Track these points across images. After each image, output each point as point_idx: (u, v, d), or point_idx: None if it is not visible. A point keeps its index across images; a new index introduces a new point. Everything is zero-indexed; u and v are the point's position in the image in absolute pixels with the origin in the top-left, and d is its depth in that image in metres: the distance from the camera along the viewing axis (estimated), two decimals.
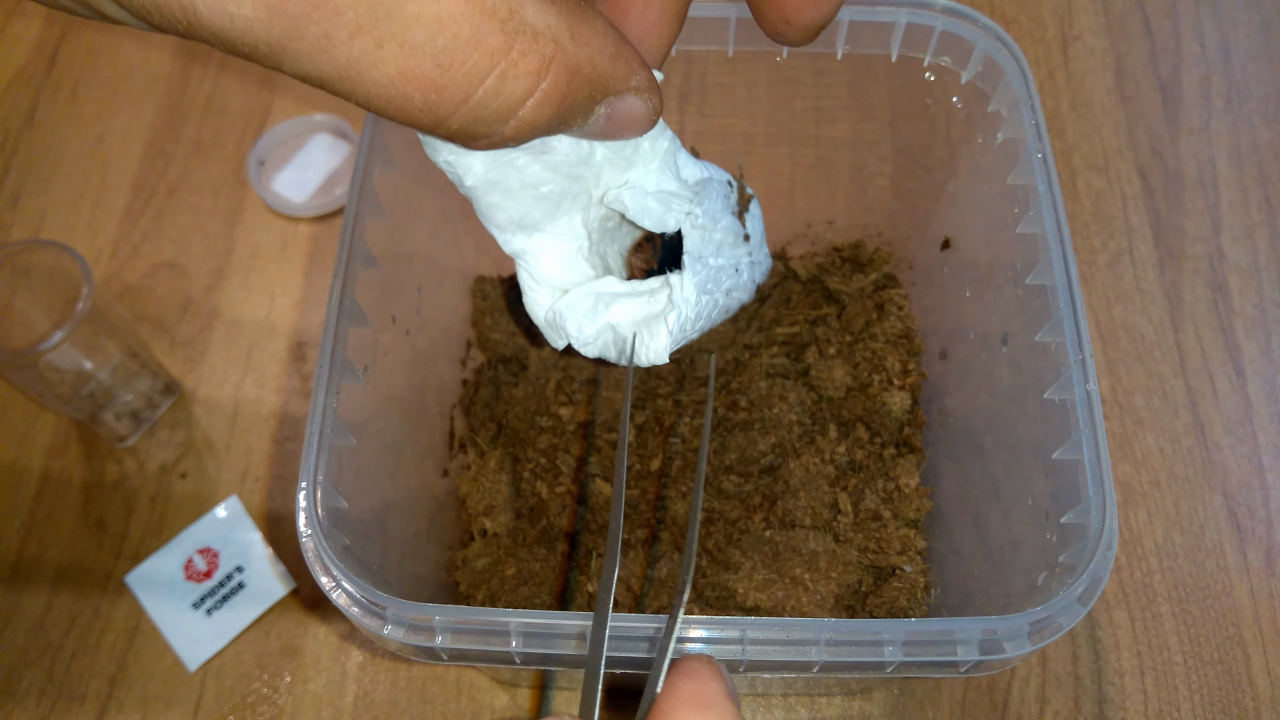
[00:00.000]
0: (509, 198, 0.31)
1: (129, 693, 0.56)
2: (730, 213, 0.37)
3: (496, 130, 0.24)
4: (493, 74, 0.23)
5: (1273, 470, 0.61)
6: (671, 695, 0.21)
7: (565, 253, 0.35)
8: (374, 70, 0.22)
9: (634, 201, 0.33)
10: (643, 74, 0.27)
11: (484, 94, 0.23)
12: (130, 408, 0.63)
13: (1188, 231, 0.69)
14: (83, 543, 0.60)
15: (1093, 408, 0.39)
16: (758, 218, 0.40)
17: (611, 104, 0.27)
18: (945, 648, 0.35)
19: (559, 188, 0.32)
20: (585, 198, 0.34)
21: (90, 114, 0.76)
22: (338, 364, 0.40)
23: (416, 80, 0.22)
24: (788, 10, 0.30)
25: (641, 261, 0.39)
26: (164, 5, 0.20)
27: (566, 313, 0.36)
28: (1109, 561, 0.36)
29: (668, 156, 0.33)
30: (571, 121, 0.26)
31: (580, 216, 0.34)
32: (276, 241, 0.71)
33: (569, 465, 0.56)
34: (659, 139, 0.32)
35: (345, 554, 0.37)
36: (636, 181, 0.33)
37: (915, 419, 0.56)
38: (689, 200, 0.35)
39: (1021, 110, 0.45)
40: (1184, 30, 0.78)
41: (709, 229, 0.36)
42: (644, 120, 0.29)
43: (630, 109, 0.28)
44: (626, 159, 0.32)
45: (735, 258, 0.38)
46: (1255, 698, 0.54)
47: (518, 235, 0.34)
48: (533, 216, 0.33)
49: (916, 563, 0.52)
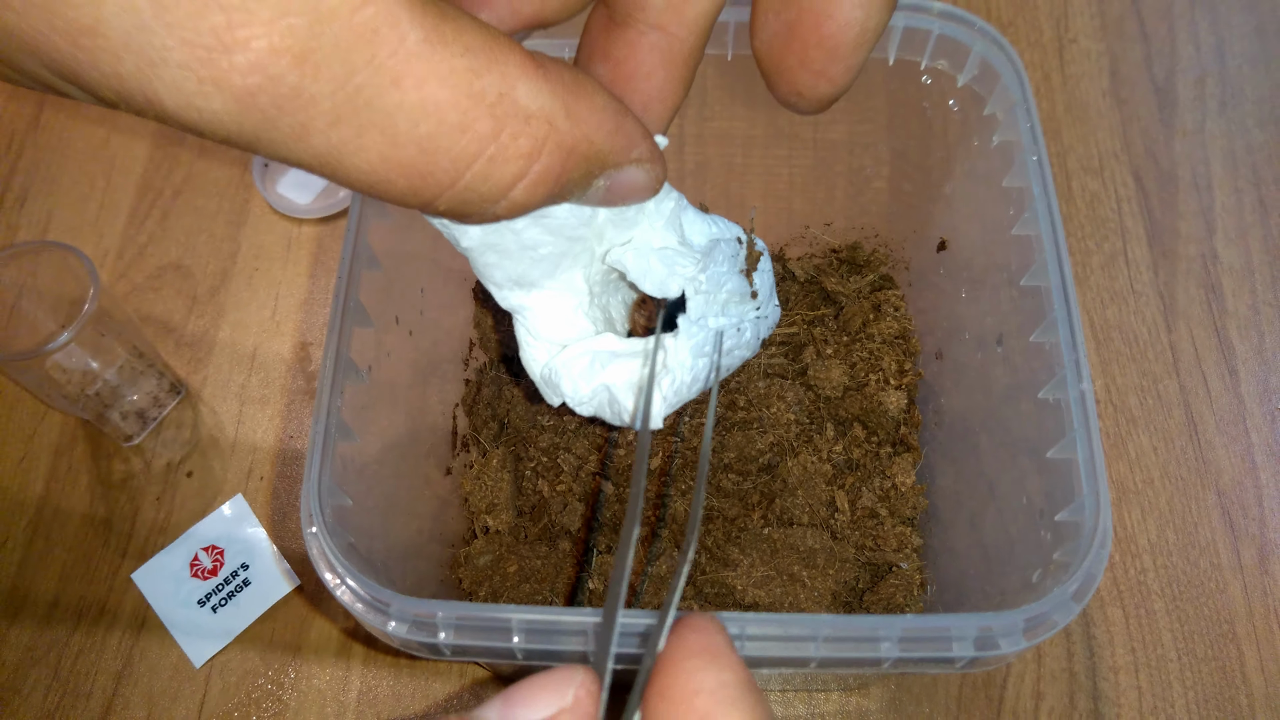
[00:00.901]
0: (506, 258, 0.30)
1: (135, 689, 0.56)
2: (738, 272, 0.36)
3: (487, 210, 0.23)
4: (481, 159, 0.22)
5: (1265, 469, 0.61)
6: (678, 646, 0.21)
7: (565, 309, 0.34)
8: (355, 158, 0.21)
9: (636, 263, 0.32)
10: (645, 145, 0.26)
11: (471, 178, 0.22)
12: (136, 407, 0.63)
13: (1182, 233, 0.70)
14: (89, 540, 0.61)
15: (1087, 407, 0.39)
16: (767, 272, 0.38)
17: (611, 176, 0.26)
18: (941, 644, 0.35)
19: (558, 249, 0.31)
20: (587, 255, 0.32)
21: (96, 116, 0.77)
22: (342, 364, 0.41)
23: (399, 168, 0.21)
24: (800, 85, 0.29)
25: (644, 319, 0.38)
26: (130, 98, 0.19)
27: (563, 371, 0.34)
28: (1103, 559, 0.36)
29: (673, 217, 0.32)
30: (568, 196, 0.25)
31: (581, 273, 0.33)
32: (281, 243, 0.71)
33: (570, 463, 0.56)
34: (663, 200, 0.31)
35: (349, 551, 0.38)
36: (640, 240, 0.32)
37: (911, 418, 0.57)
38: (694, 264, 0.33)
39: (1017, 113, 0.46)
40: (1179, 33, 0.78)
41: (713, 293, 0.35)
42: (646, 190, 0.27)
43: (631, 180, 0.26)
44: (630, 220, 0.31)
45: (740, 315, 0.37)
46: (1249, 694, 0.55)
47: (515, 292, 0.33)
48: (531, 275, 0.32)
49: (913, 560, 0.52)
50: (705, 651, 0.21)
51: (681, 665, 0.21)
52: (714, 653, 0.21)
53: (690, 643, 0.21)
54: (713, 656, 0.21)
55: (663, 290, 0.33)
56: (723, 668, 0.20)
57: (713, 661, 0.21)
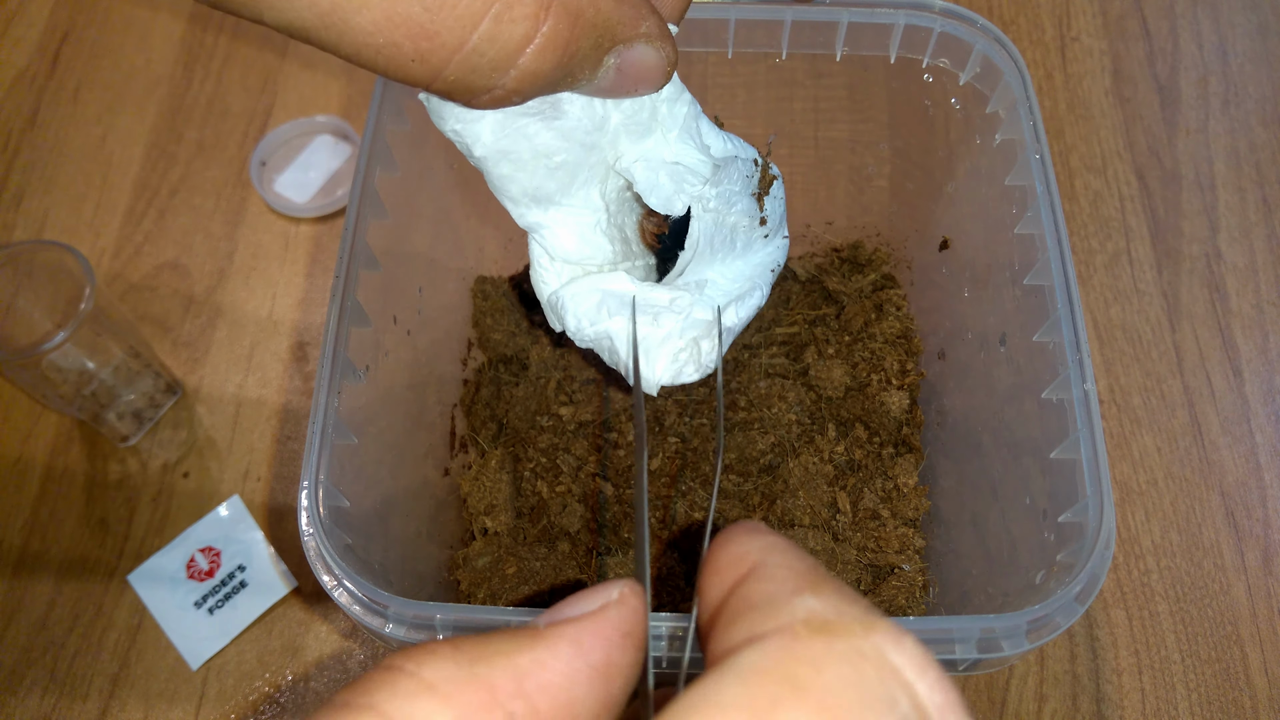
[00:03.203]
0: (521, 169, 0.30)
1: (131, 691, 0.56)
2: (749, 194, 0.36)
3: (497, 82, 0.23)
4: (487, 17, 0.21)
5: (1270, 469, 0.61)
6: (720, 536, 0.21)
7: (582, 227, 0.33)
8: (358, 16, 0.20)
9: (644, 176, 0.31)
10: (653, 20, 0.26)
11: (479, 40, 0.22)
12: (133, 407, 0.63)
13: (1185, 232, 0.70)
14: (85, 542, 0.60)
15: (1090, 407, 0.39)
16: (779, 199, 0.38)
17: (620, 54, 0.25)
18: (943, 646, 0.35)
19: (573, 157, 0.30)
20: (602, 169, 0.32)
21: (93, 115, 0.76)
22: (339, 364, 0.41)
23: (405, 26, 0.21)
24: None
25: (654, 226, 0.37)
26: None
27: (569, 304, 0.34)
28: (1106, 560, 0.36)
29: (688, 123, 0.31)
30: (578, 73, 0.25)
31: (598, 189, 0.33)
32: (278, 242, 0.71)
33: (569, 465, 0.56)
34: (676, 102, 0.31)
35: (347, 553, 0.38)
36: (653, 152, 0.31)
37: (914, 418, 0.57)
38: (704, 181, 0.33)
39: (1019, 111, 0.45)
40: (1182, 32, 0.78)
41: (722, 212, 0.34)
42: (657, 71, 0.27)
43: (642, 59, 0.26)
44: (644, 125, 0.31)
45: (750, 271, 0.36)
46: (1253, 696, 0.55)
47: (532, 209, 0.32)
48: (547, 189, 0.31)
49: (915, 561, 0.52)
50: (746, 529, 0.20)
51: (726, 542, 0.20)
52: (755, 528, 0.20)
53: (731, 529, 0.21)
54: (754, 530, 0.20)
55: (668, 206, 0.33)
56: (766, 534, 0.20)
57: (754, 531, 0.20)
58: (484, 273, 0.64)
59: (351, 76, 0.77)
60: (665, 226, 0.37)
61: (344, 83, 0.77)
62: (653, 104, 0.30)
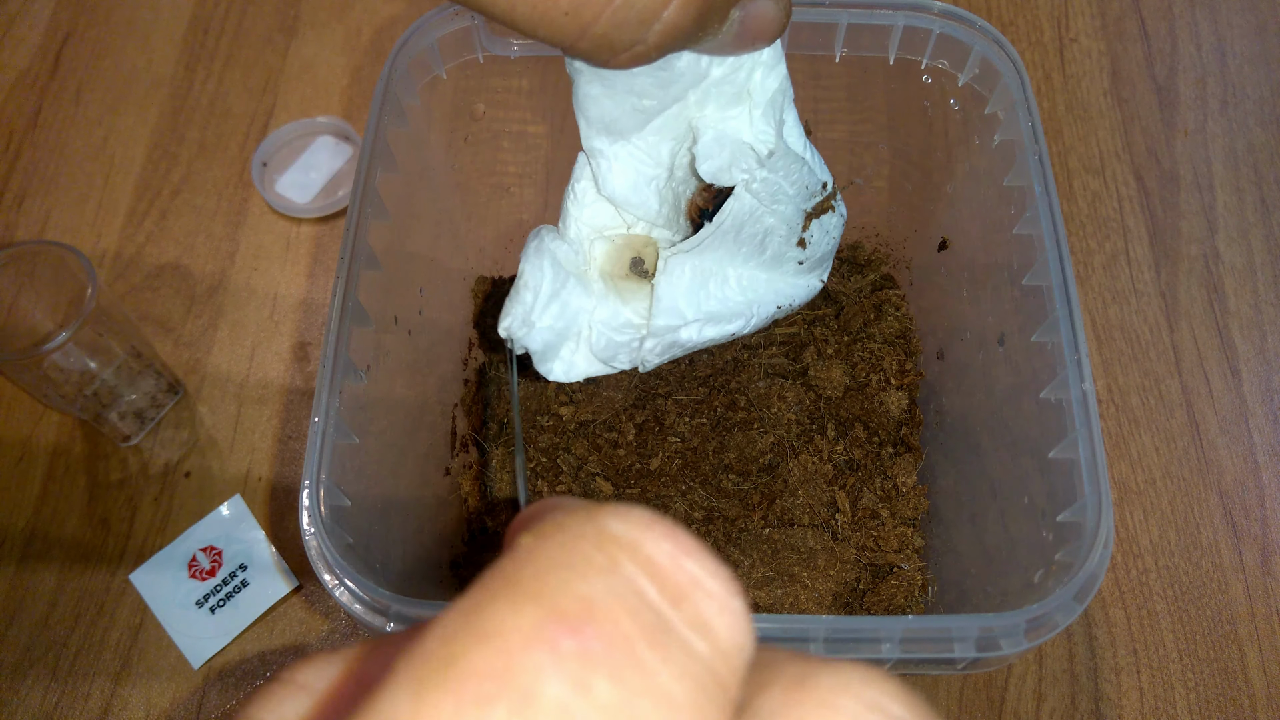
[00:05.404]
0: (610, 96, 0.30)
1: (133, 690, 0.56)
2: (799, 205, 0.36)
3: (640, 36, 0.24)
4: None
5: (1268, 469, 0.61)
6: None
7: (642, 173, 0.34)
8: None
9: (707, 141, 0.32)
10: None
11: None
12: (134, 407, 0.63)
13: (1183, 232, 0.70)
14: (87, 541, 0.61)
15: (1088, 407, 0.39)
16: (831, 237, 0.38)
17: (745, 6, 0.27)
18: (942, 645, 0.35)
19: (661, 105, 0.31)
20: (682, 127, 0.33)
21: (94, 116, 0.76)
22: (340, 364, 0.41)
23: None
24: None
25: (701, 200, 0.37)
26: None
27: (563, 358, 0.36)
28: (1105, 560, 0.36)
29: (775, 98, 0.32)
30: (709, 25, 0.26)
31: (670, 146, 0.33)
32: (280, 243, 0.71)
33: (569, 464, 0.56)
34: (770, 75, 0.31)
35: (348, 552, 0.38)
36: (731, 123, 0.32)
37: (913, 418, 0.57)
38: (759, 162, 0.33)
39: (1018, 112, 0.45)
40: (1180, 33, 0.78)
41: (763, 204, 0.35)
42: (775, 24, 0.28)
43: (764, 10, 0.27)
44: (737, 88, 0.31)
45: (755, 300, 0.37)
46: (1251, 695, 0.55)
47: (602, 135, 0.33)
48: (624, 124, 0.32)
49: (914, 561, 0.52)
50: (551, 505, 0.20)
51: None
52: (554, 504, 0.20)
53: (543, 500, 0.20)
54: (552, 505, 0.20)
55: (715, 175, 0.33)
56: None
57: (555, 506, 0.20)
58: (484, 273, 0.64)
59: (353, 77, 0.77)
60: (711, 203, 0.37)
61: (345, 84, 0.77)
62: (751, 66, 0.31)
